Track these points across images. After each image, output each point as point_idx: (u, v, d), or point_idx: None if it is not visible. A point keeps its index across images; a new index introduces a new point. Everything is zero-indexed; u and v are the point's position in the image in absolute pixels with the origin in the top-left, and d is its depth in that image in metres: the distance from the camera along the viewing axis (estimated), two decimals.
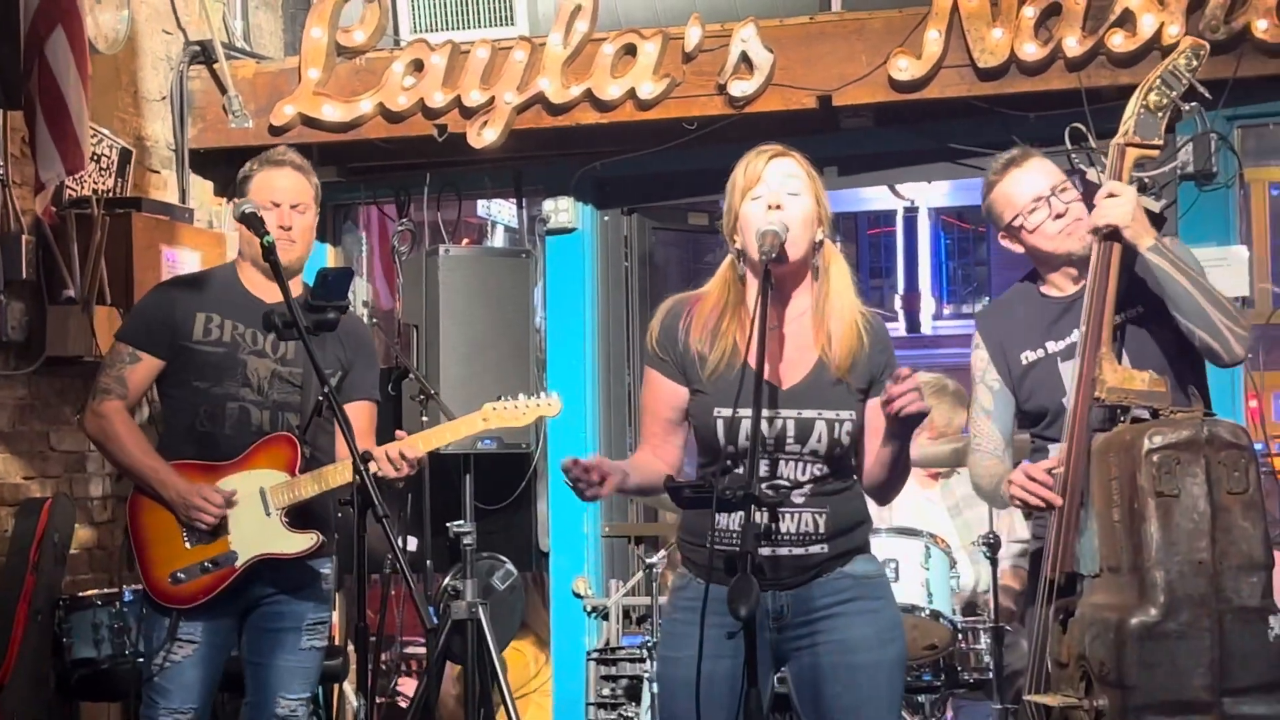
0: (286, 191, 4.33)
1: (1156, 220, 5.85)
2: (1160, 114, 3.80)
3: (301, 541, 4.27)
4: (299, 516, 4.28)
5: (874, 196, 19.40)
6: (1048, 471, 3.64)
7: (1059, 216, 3.85)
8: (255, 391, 4.28)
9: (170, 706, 4.21)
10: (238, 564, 4.22)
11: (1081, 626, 3.48)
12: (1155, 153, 3.83)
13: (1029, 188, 3.89)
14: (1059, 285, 3.91)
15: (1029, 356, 3.91)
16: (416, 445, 4.29)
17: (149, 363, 4.30)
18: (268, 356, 4.30)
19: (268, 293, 4.30)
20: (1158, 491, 3.37)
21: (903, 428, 3.32)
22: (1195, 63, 3.82)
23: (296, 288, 4.30)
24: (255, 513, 4.24)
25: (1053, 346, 3.86)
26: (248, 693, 4.36)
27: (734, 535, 3.31)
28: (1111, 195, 3.72)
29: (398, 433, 4.39)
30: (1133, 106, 3.82)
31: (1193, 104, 3.86)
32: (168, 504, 4.22)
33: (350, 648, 5.79)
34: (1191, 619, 3.33)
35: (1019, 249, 3.97)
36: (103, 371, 4.35)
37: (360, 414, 4.40)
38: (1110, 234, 3.72)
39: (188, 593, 4.21)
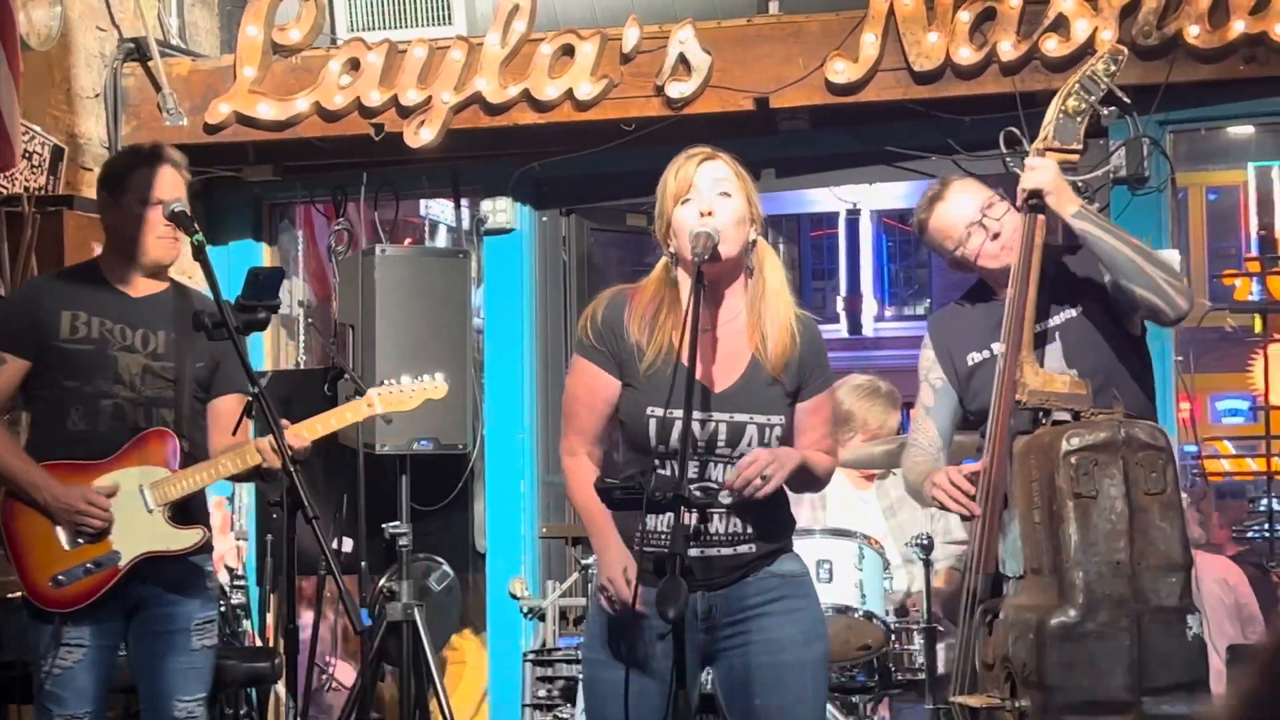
0: (174, 190, 4.24)
1: None
2: (1079, 119, 3.84)
3: (187, 537, 4.18)
4: (181, 512, 4.19)
5: (816, 199, 19.49)
6: (970, 477, 3.67)
7: (996, 236, 3.88)
8: (128, 388, 4.17)
9: (66, 713, 4.08)
10: (121, 564, 4.10)
11: (1005, 628, 3.51)
12: (1075, 157, 3.87)
13: (958, 217, 3.92)
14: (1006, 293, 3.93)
15: (974, 358, 3.94)
16: (301, 434, 4.15)
17: (15, 364, 4.18)
18: (138, 352, 4.20)
19: (135, 287, 4.24)
20: (1076, 493, 3.41)
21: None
22: (1113, 68, 3.86)
23: (162, 285, 4.27)
24: (136, 510, 4.14)
25: (997, 348, 3.88)
26: (142, 699, 4.25)
27: (663, 536, 3.31)
28: (1032, 168, 3.77)
29: (283, 422, 4.27)
30: (1052, 112, 3.86)
31: (1111, 109, 3.89)
32: (42, 508, 4.08)
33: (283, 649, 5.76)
34: (1110, 619, 3.37)
35: (967, 272, 4.01)
36: None
37: (230, 407, 4.29)
38: (1035, 205, 3.75)
39: (71, 596, 4.07)
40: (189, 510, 4.23)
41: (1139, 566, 3.40)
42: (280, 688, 6.10)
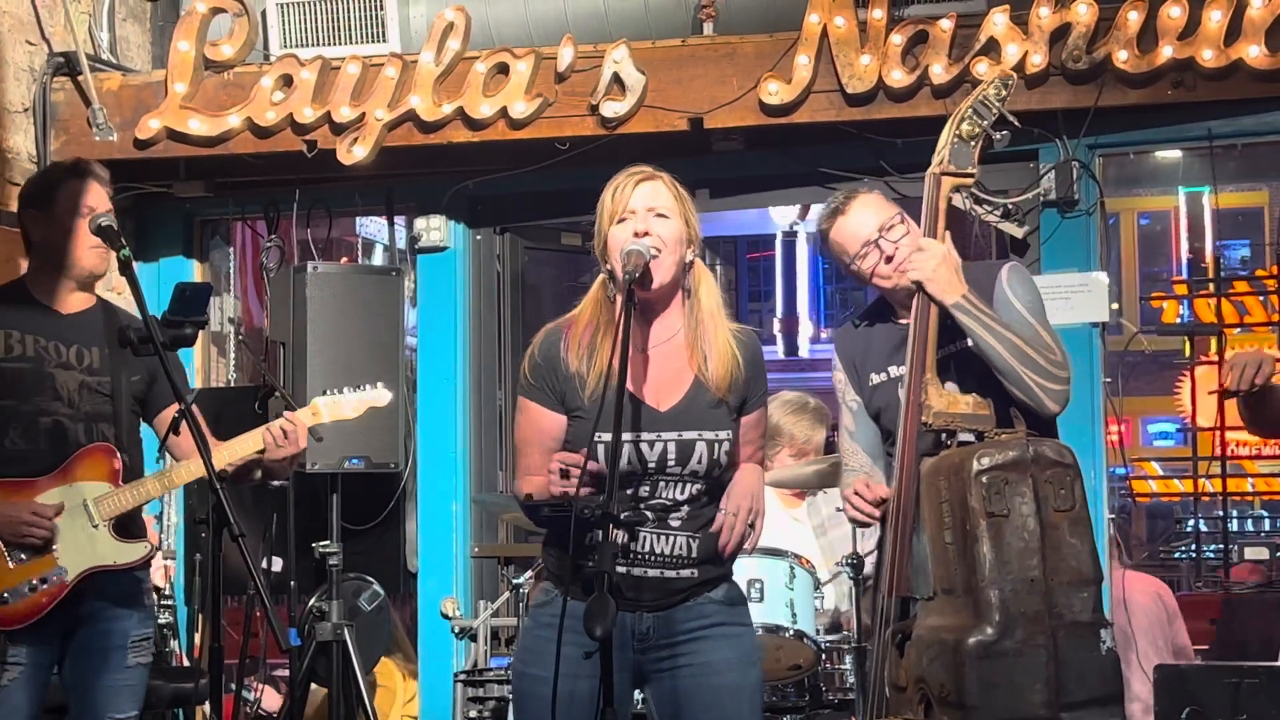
0: (102, 202, 4.26)
1: (1020, 246, 5.97)
2: (973, 143, 3.89)
3: (134, 550, 4.18)
4: (123, 527, 4.18)
5: (753, 220, 19.58)
6: (881, 501, 3.73)
7: (889, 259, 3.91)
8: (67, 405, 4.17)
9: None
10: (69, 579, 4.09)
11: (919, 649, 3.52)
12: (969, 180, 3.92)
13: (856, 233, 3.96)
14: (906, 314, 3.96)
15: (874, 378, 3.98)
16: (298, 420, 4.29)
17: None
18: (74, 368, 4.20)
19: (65, 304, 4.25)
20: (989, 512, 3.43)
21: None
22: (1004, 92, 3.91)
23: (90, 301, 4.29)
24: (81, 525, 4.12)
25: (895, 371, 3.93)
26: (73, 715, 4.23)
27: (593, 554, 3.30)
28: (920, 250, 3.80)
29: (293, 416, 4.33)
30: (946, 136, 3.91)
31: (1004, 133, 3.94)
32: None
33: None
34: (1027, 636, 3.39)
35: (864, 283, 4.04)
36: None
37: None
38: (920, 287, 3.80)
39: (17, 614, 4.04)
40: (131, 524, 4.22)
41: (1052, 582, 3.43)
42: (206, 708, 6.04)
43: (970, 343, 3.83)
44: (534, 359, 3.50)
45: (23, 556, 4.07)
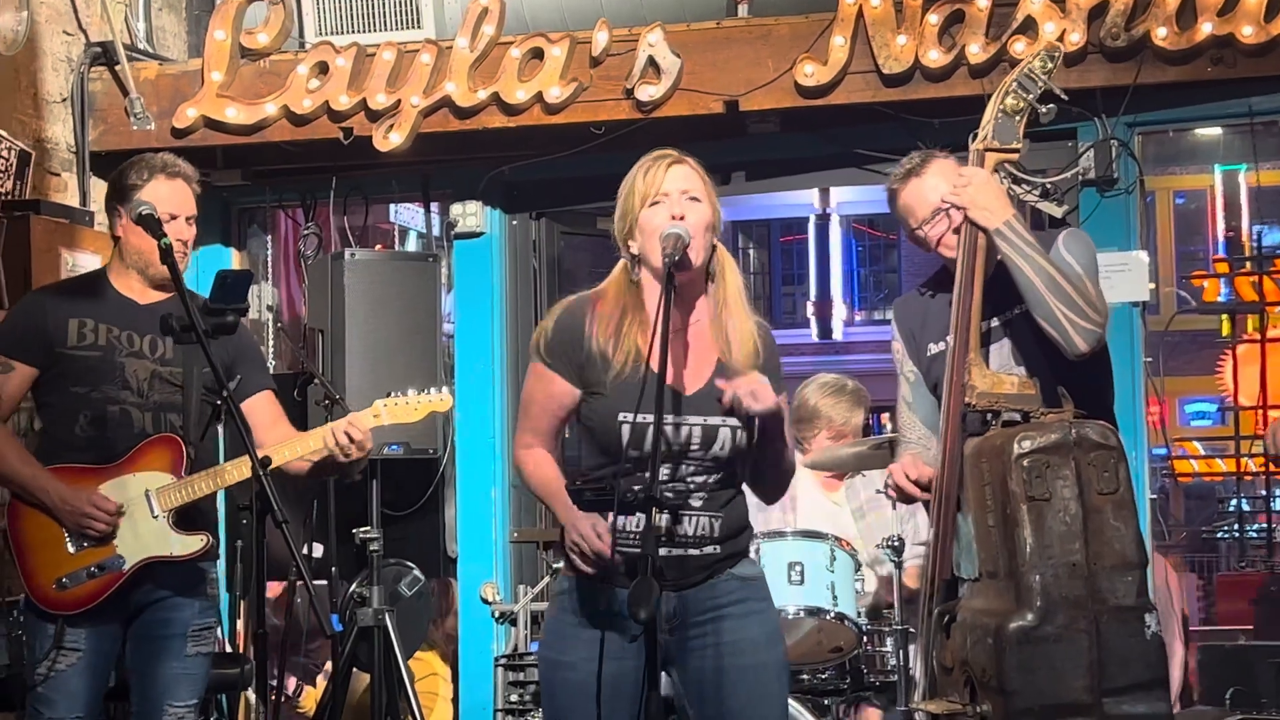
0: (183, 204, 4.29)
1: (1058, 226, 5.93)
2: (1017, 117, 3.85)
3: (191, 543, 4.20)
4: (186, 518, 4.21)
5: (786, 203, 19.55)
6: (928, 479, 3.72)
7: (958, 230, 3.88)
8: (136, 394, 4.21)
9: (55, 716, 4.12)
10: (125, 568, 4.14)
11: (963, 631, 3.51)
12: (1015, 156, 3.88)
13: (927, 198, 3.92)
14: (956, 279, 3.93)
15: (933, 348, 3.96)
16: (361, 423, 4.27)
17: (23, 371, 4.23)
18: (146, 358, 4.24)
19: (141, 295, 4.28)
20: (1029, 496, 3.41)
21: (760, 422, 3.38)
22: (1050, 65, 3.87)
23: (169, 292, 4.24)
24: (142, 515, 4.17)
25: (952, 340, 3.89)
26: (133, 702, 4.27)
27: (633, 537, 3.30)
28: (965, 182, 3.78)
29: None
30: (990, 111, 3.87)
31: (1050, 107, 3.90)
32: (50, 511, 4.13)
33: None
34: (1068, 621, 3.37)
35: (927, 250, 4.01)
36: None
37: (265, 404, 4.38)
38: (971, 227, 3.77)
39: (73, 599, 4.11)
40: (195, 516, 4.24)
41: (1095, 567, 3.39)
42: (251, 694, 6.07)
43: (1021, 308, 3.80)
44: (555, 327, 3.49)
45: (84, 543, 4.13)
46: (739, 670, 3.40)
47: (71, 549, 4.14)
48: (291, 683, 6.75)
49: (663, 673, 3.51)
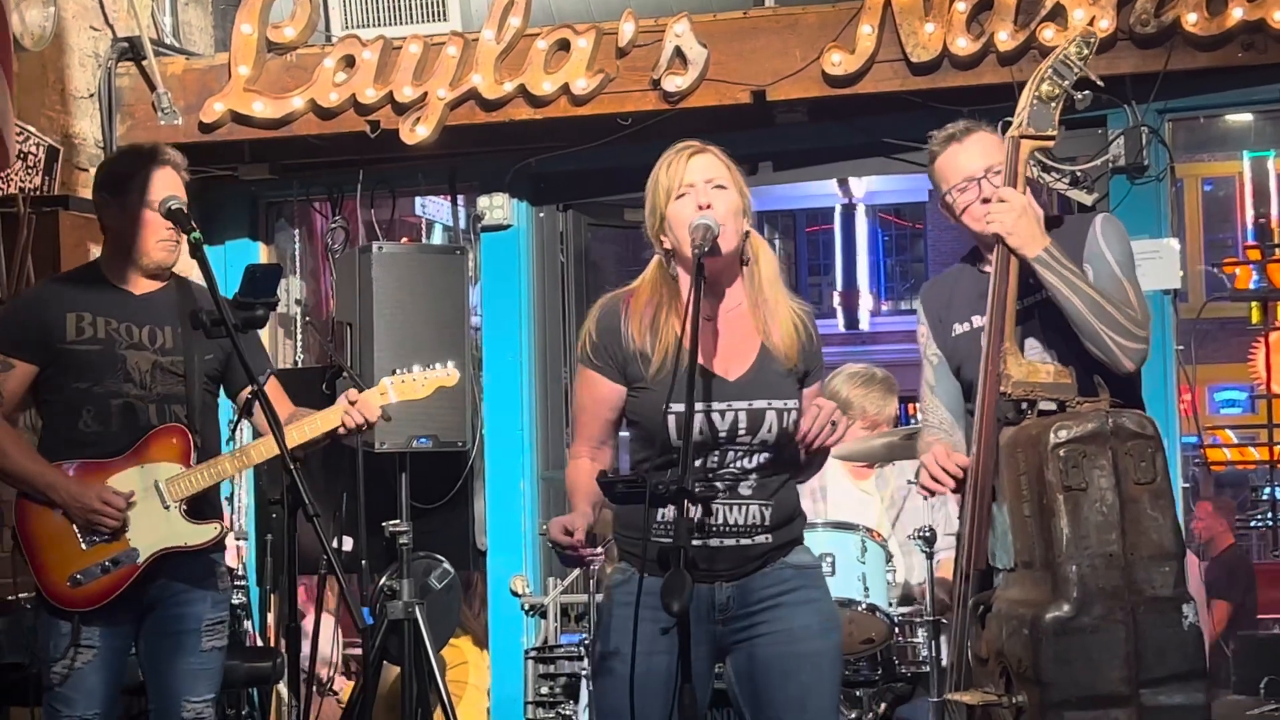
0: (174, 190, 4.22)
1: (1088, 213, 5.90)
2: (1053, 104, 3.81)
3: (206, 532, 4.17)
4: (196, 507, 4.18)
5: (811, 193, 19.51)
6: (962, 469, 3.69)
7: (986, 200, 3.85)
8: (139, 386, 4.17)
9: (74, 714, 4.08)
10: (140, 561, 4.10)
11: (999, 622, 3.49)
12: (1050, 143, 3.83)
13: (964, 165, 3.88)
14: (992, 262, 3.91)
15: (957, 329, 3.93)
16: (370, 402, 4.26)
17: (23, 369, 4.17)
18: (146, 349, 4.20)
19: (135, 285, 4.24)
20: (1065, 486, 3.38)
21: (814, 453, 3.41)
22: (1085, 51, 3.82)
23: (164, 280, 4.27)
24: (153, 507, 4.13)
25: (978, 321, 3.87)
26: (150, 699, 4.24)
27: (668, 528, 3.30)
28: (1001, 200, 3.74)
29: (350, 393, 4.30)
30: (1025, 98, 3.83)
31: (1086, 93, 3.86)
32: (59, 507, 4.09)
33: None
34: (1105, 612, 3.34)
35: (953, 219, 3.98)
36: None
37: (268, 388, 4.27)
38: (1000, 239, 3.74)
39: (88, 595, 4.07)
40: (204, 505, 4.23)
41: (1132, 557, 3.37)
42: (282, 687, 6.09)
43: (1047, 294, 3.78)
44: (597, 329, 3.50)
45: (96, 538, 4.09)
46: (795, 658, 3.39)
47: (84, 545, 4.09)
48: (324, 672, 6.76)
49: (717, 666, 3.51)
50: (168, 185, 4.20)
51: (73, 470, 4.12)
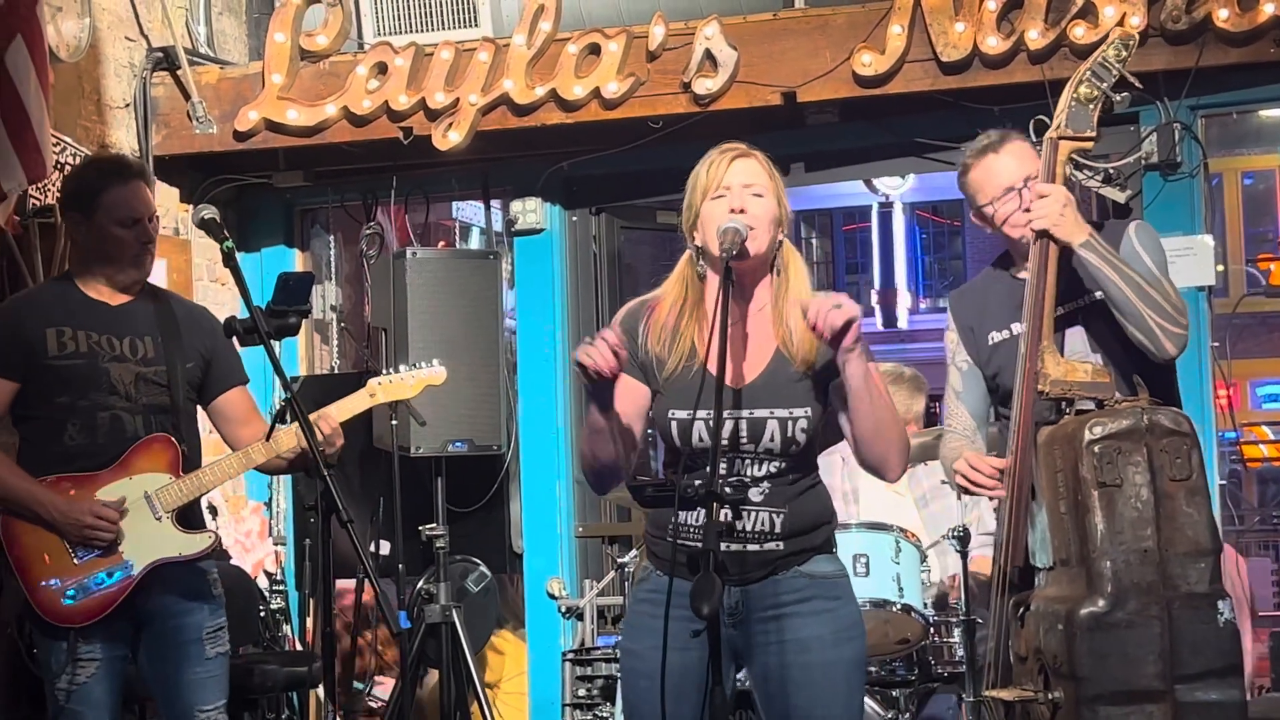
0: (148, 205, 4.23)
1: (1122, 211, 5.89)
2: (1091, 105, 3.81)
3: (198, 541, 4.17)
4: (185, 517, 4.18)
5: (849, 192, 19.48)
6: (999, 470, 3.68)
7: (1028, 209, 3.85)
8: (124, 398, 4.14)
9: None
10: (134, 573, 4.08)
11: (1036, 620, 3.49)
12: (1089, 144, 3.84)
13: (1003, 176, 3.89)
14: (1028, 268, 3.91)
15: (995, 337, 3.94)
16: (330, 415, 4.17)
17: (4, 386, 4.14)
18: (128, 360, 4.18)
19: (111, 297, 4.22)
20: (1100, 482, 3.38)
21: (847, 346, 3.23)
22: (1124, 53, 3.83)
23: (129, 295, 4.23)
24: (144, 518, 4.11)
25: (1017, 328, 3.88)
26: (162, 713, 4.23)
27: (698, 530, 3.30)
28: (1041, 196, 3.74)
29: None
30: (1064, 100, 3.84)
31: (1124, 95, 3.86)
32: (48, 525, 4.05)
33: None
34: (1140, 608, 3.34)
35: (989, 229, 3.99)
36: None
37: (240, 399, 4.34)
38: (1043, 233, 3.74)
39: (85, 610, 4.04)
40: (194, 515, 4.23)
41: (1167, 553, 3.36)
42: (320, 691, 6.13)
43: (1095, 295, 3.78)
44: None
45: (89, 553, 4.07)
46: (803, 668, 3.37)
47: (76, 560, 4.06)
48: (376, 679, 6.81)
49: (734, 670, 3.51)
50: (140, 201, 4.19)
51: (59, 484, 4.08)
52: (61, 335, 4.16)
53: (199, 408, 4.36)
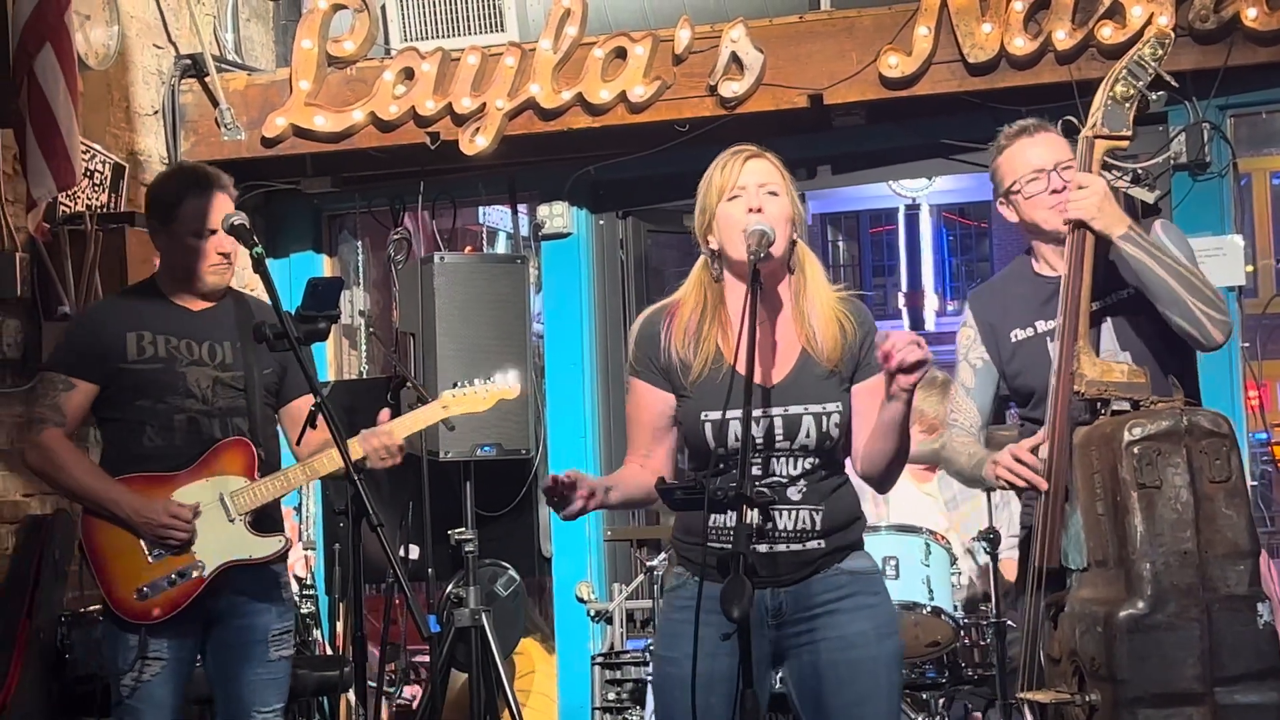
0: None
1: (1151, 212, 5.87)
2: (1127, 104, 3.79)
3: (271, 544, 4.23)
4: (260, 520, 4.23)
5: (875, 194, 19.47)
6: (1032, 450, 3.64)
7: (1055, 192, 3.84)
8: (201, 401, 4.21)
9: None
10: (206, 573, 4.15)
11: (1071, 621, 3.47)
12: (1125, 143, 3.82)
13: (1033, 158, 3.88)
14: (1052, 264, 3.89)
15: (1018, 335, 3.92)
16: (392, 432, 4.26)
17: (84, 389, 4.21)
18: (206, 365, 4.25)
19: (192, 303, 4.28)
20: (1139, 483, 3.36)
21: (904, 386, 3.20)
22: (1160, 52, 3.81)
23: (210, 301, 4.29)
24: (218, 519, 4.18)
25: (1042, 326, 3.86)
26: (219, 710, 4.29)
27: (729, 533, 3.30)
28: (1080, 187, 3.73)
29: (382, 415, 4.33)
30: (1100, 98, 3.82)
31: (1160, 93, 3.85)
32: (124, 523, 4.12)
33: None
34: (1179, 610, 3.32)
35: (1014, 217, 3.96)
36: (36, 403, 4.26)
37: (307, 408, 4.39)
38: (1081, 225, 3.73)
39: (155, 608, 4.11)
40: (267, 518, 4.27)
41: (1206, 555, 3.34)
42: (351, 696, 6.14)
43: (1123, 293, 3.76)
44: (638, 340, 3.51)
45: (163, 551, 4.14)
46: (848, 665, 3.37)
47: (150, 558, 4.13)
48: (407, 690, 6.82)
49: (779, 670, 3.51)
50: (211, 212, 4.24)
51: (136, 484, 4.16)
52: (142, 339, 4.23)
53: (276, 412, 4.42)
